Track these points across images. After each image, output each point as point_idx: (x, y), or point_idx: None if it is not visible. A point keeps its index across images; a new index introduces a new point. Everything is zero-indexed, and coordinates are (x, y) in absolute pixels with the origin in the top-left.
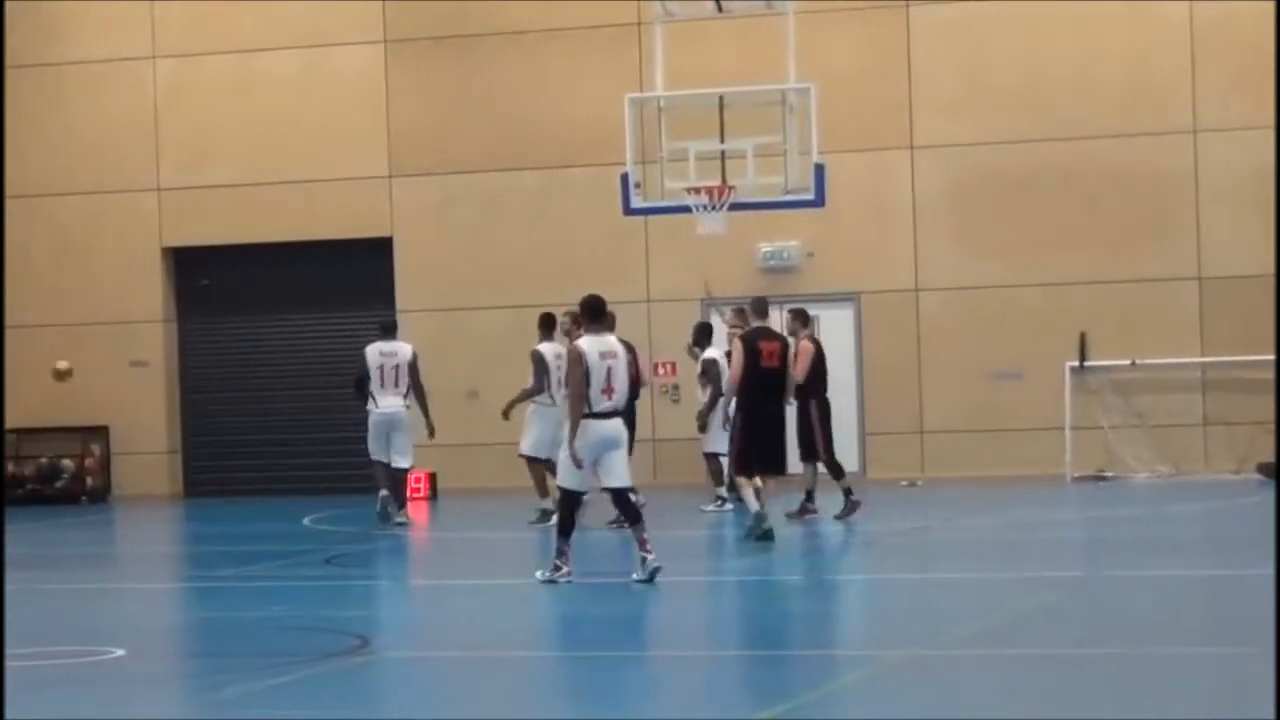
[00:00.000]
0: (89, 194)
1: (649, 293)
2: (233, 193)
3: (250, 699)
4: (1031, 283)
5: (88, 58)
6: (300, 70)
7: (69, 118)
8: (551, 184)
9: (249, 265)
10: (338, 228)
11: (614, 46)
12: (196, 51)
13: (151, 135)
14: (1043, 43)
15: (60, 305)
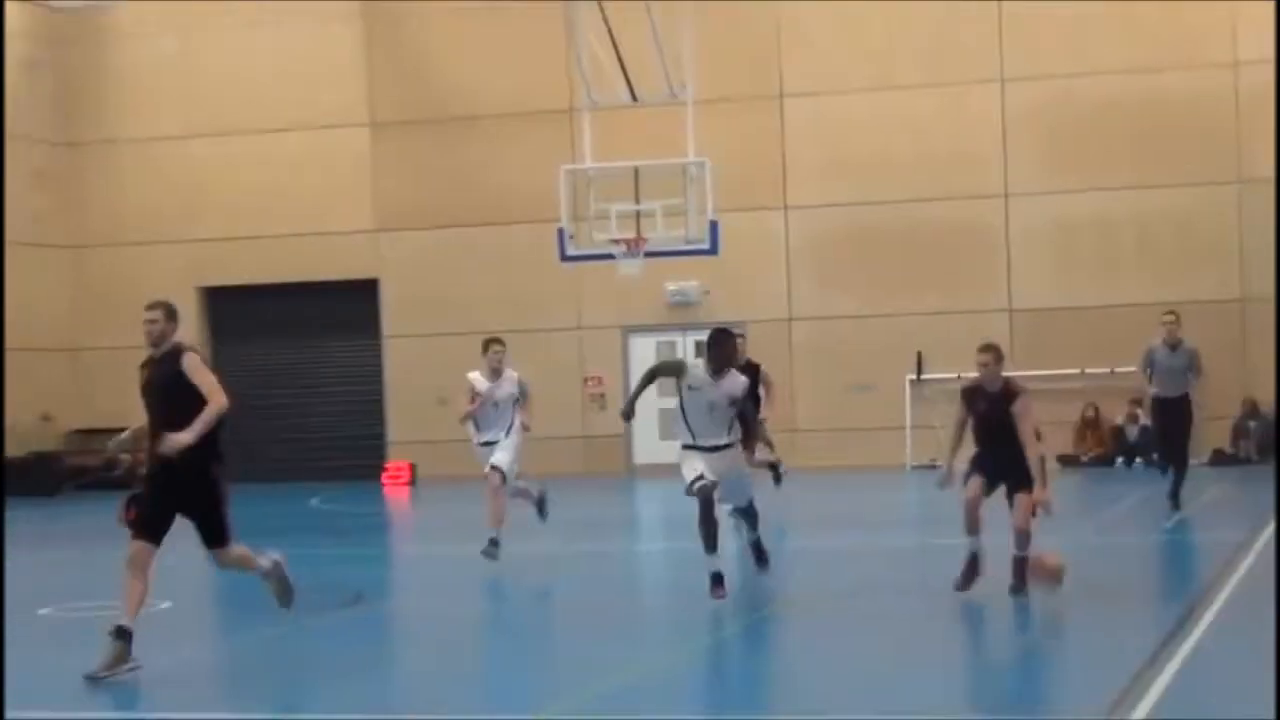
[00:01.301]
0: (139, 244)
1: (580, 322)
2: (251, 243)
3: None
4: (879, 314)
5: (139, 136)
6: (306, 146)
7: (124, 183)
8: (503, 236)
9: (263, 301)
10: (335, 271)
11: (551, 128)
12: (224, 131)
13: (188, 198)
14: (886, 127)
15: (119, 332)
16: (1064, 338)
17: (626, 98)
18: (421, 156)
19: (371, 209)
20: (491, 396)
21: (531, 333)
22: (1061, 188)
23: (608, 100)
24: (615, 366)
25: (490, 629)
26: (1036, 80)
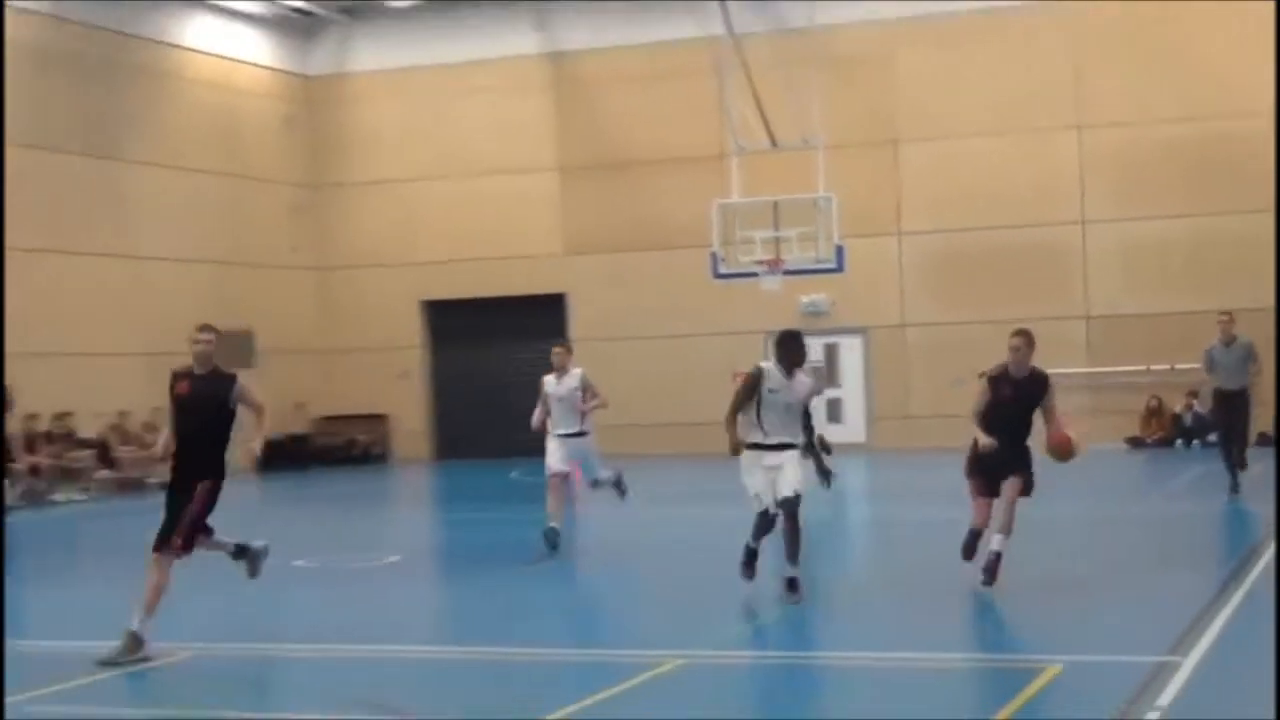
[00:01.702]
0: (371, 267)
1: (729, 329)
2: (462, 265)
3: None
4: (976, 320)
5: (372, 180)
6: (507, 187)
7: (360, 218)
8: (666, 259)
9: (472, 311)
10: (531, 287)
11: (705, 170)
12: (441, 176)
13: (411, 229)
14: (984, 166)
15: (354, 337)
16: (1131, 339)
17: (767, 144)
18: (600, 195)
19: (561, 237)
20: (556, 394)
21: (689, 337)
22: (1128, 215)
23: (752, 147)
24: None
25: (650, 577)
26: (1108, 127)
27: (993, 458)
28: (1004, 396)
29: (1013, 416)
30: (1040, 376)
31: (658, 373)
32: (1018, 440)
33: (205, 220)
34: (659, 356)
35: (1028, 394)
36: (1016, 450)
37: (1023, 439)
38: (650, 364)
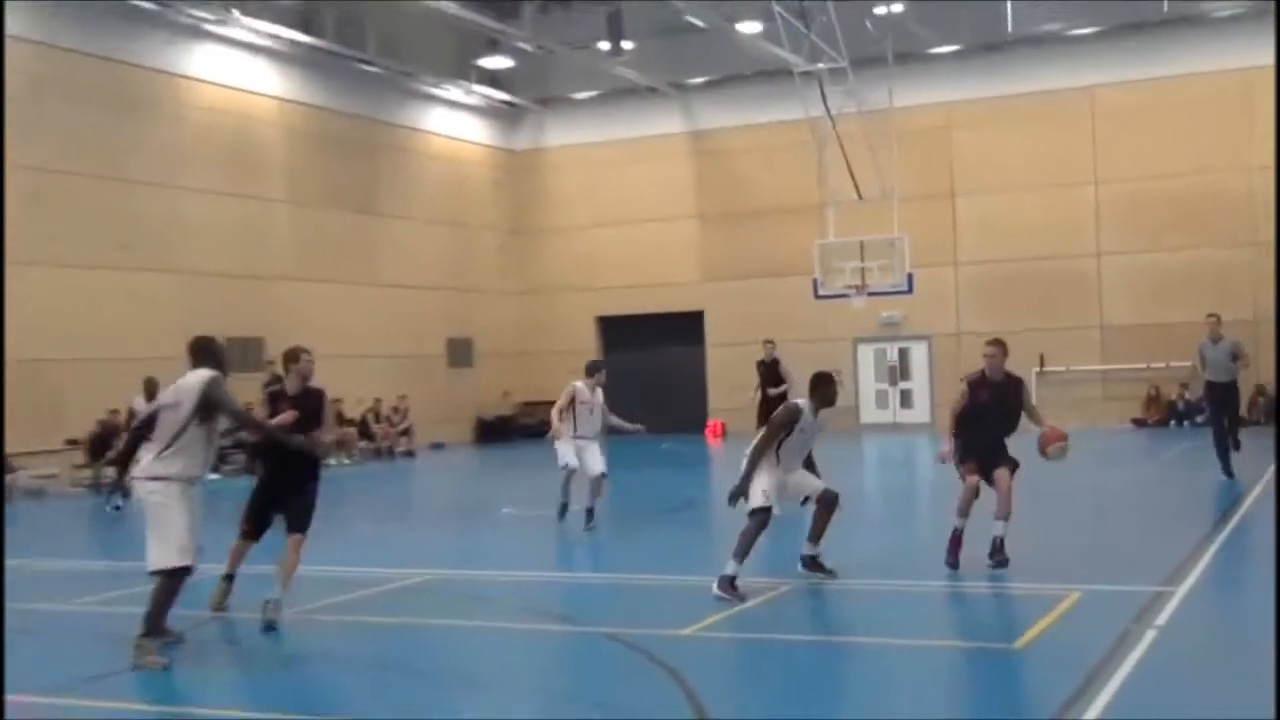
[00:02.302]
0: (560, 290)
1: (826, 336)
2: (627, 289)
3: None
4: (1017, 329)
5: (560, 226)
6: (659, 231)
7: (552, 254)
8: (779, 283)
9: (634, 324)
10: (677, 306)
11: (808, 216)
12: (612, 224)
13: (589, 262)
14: (1020, 211)
15: (549, 343)
16: (1134, 343)
17: (855, 198)
18: (729, 236)
19: (699, 268)
20: (590, 402)
21: (796, 343)
22: (1131, 249)
23: (843, 199)
24: (848, 364)
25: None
26: (1117, 182)
27: (981, 449)
28: (981, 399)
29: (994, 416)
30: (1014, 380)
31: None
32: (1000, 436)
33: (438, 257)
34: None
35: (1003, 396)
36: (1000, 445)
37: (1005, 434)
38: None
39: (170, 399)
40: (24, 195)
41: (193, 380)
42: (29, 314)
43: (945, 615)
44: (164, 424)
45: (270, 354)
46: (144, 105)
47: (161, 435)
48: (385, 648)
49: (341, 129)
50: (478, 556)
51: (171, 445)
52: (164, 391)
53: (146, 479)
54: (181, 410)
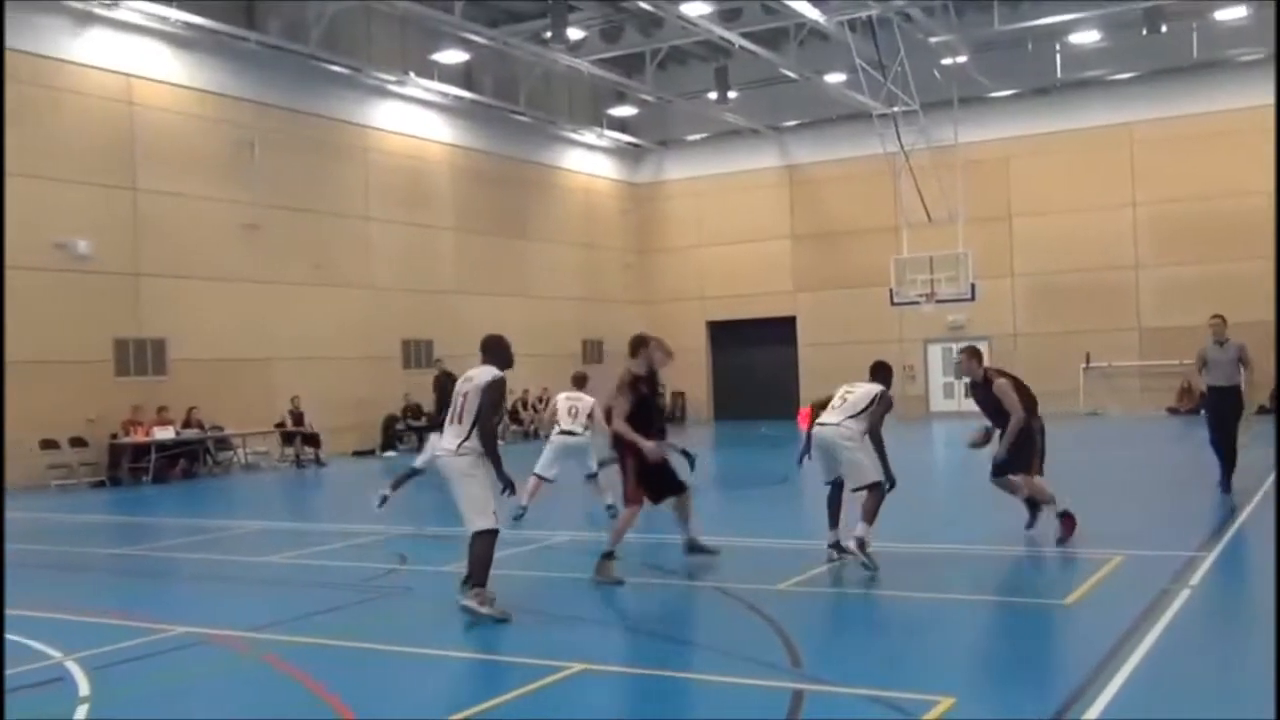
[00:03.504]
0: (676, 300)
1: (901, 337)
2: (732, 298)
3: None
4: (1066, 331)
5: (676, 246)
6: (759, 249)
7: (669, 271)
8: (860, 293)
9: (737, 328)
10: (772, 311)
11: (886, 236)
12: (718, 243)
13: (701, 275)
14: (1069, 229)
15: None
16: (1169, 343)
17: (925, 219)
18: (817, 253)
19: (791, 280)
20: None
21: (874, 343)
22: (1166, 262)
23: (915, 221)
24: (920, 360)
25: None
26: (1153, 204)
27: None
28: (977, 398)
29: (989, 414)
30: (988, 379)
31: (855, 367)
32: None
33: (574, 273)
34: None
35: (984, 395)
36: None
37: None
38: (849, 361)
39: (466, 387)
40: (243, 225)
41: (484, 375)
42: (245, 320)
43: (1002, 576)
44: (466, 411)
45: (438, 354)
46: (338, 151)
47: (466, 420)
48: (530, 597)
49: (497, 168)
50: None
51: (472, 428)
52: (461, 380)
53: (452, 454)
54: (473, 399)
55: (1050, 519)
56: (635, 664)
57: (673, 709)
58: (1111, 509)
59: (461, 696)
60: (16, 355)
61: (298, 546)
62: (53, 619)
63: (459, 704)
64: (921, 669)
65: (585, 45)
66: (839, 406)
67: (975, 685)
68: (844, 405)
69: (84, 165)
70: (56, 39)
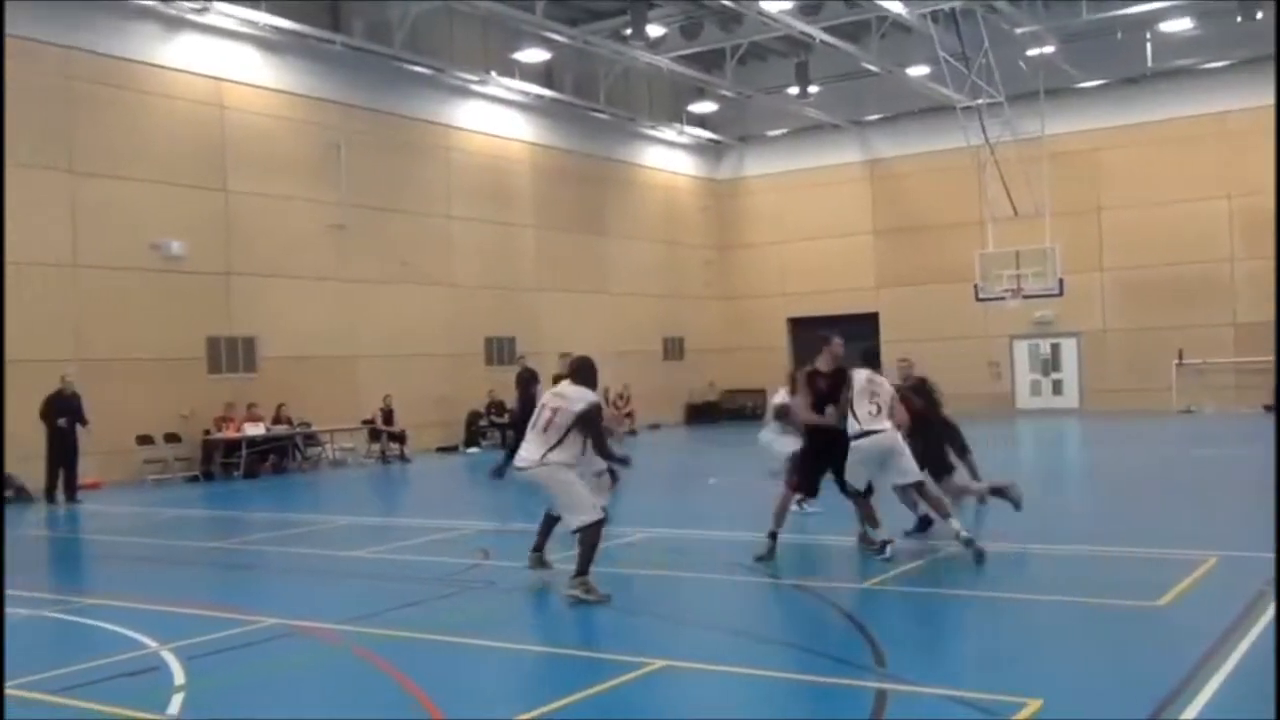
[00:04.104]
0: (758, 297)
1: (986, 333)
2: (813, 294)
3: None
4: (1157, 326)
5: (756, 242)
6: (840, 244)
7: (750, 267)
8: (945, 290)
9: (820, 324)
10: (854, 308)
11: (970, 230)
12: (800, 239)
13: (781, 272)
14: (1159, 222)
15: (747, 340)
16: (1266, 338)
17: (1011, 213)
18: (899, 248)
19: (874, 275)
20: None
21: (959, 339)
22: (1263, 255)
23: (1000, 215)
24: (1005, 357)
25: None
26: (1246, 196)
27: None
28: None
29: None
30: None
31: (939, 364)
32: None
33: (654, 270)
34: (940, 353)
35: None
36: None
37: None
38: (933, 358)
39: (557, 403)
40: (329, 225)
41: (576, 396)
42: (331, 319)
43: (1094, 576)
44: (553, 425)
45: (520, 351)
46: (421, 151)
47: (551, 433)
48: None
49: (577, 165)
50: (687, 518)
51: (560, 442)
52: (551, 394)
53: (538, 466)
54: (564, 416)
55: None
56: (716, 661)
57: (754, 707)
58: (1206, 509)
59: (544, 691)
60: (116, 354)
61: (384, 541)
62: (149, 610)
63: (541, 698)
64: (1010, 670)
65: (665, 42)
66: (879, 412)
67: (1065, 687)
68: (882, 409)
69: (177, 168)
70: (149, 45)
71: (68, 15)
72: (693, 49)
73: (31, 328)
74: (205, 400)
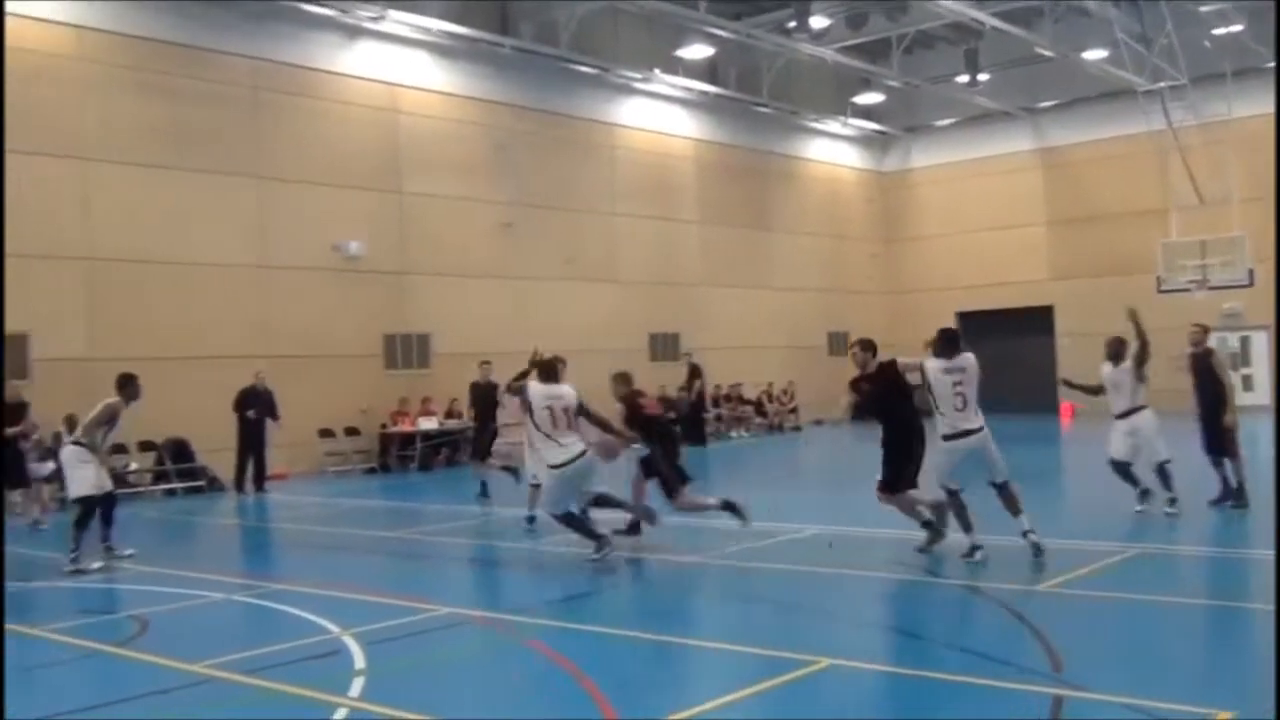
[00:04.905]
0: (927, 290)
1: (1169, 326)
2: (985, 288)
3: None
4: None
5: (923, 235)
6: (1012, 235)
7: (916, 260)
8: (1122, 281)
9: (991, 317)
10: (1027, 301)
11: (1153, 219)
12: (968, 231)
13: (949, 266)
14: None
15: (914, 335)
16: None
17: (1195, 201)
18: (1074, 239)
19: (1047, 268)
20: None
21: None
22: None
23: (1184, 202)
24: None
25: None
26: None
27: None
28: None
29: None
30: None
31: None
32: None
33: (818, 264)
34: None
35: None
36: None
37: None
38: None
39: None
40: (498, 224)
41: (567, 391)
42: (500, 316)
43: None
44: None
45: (685, 347)
46: (586, 150)
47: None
48: (779, 590)
49: (740, 160)
50: (854, 515)
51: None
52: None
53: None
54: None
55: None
56: (884, 661)
57: (923, 709)
58: None
59: (710, 686)
60: (300, 350)
61: (553, 532)
62: (331, 596)
63: (708, 693)
64: (1198, 679)
65: (829, 33)
66: (967, 406)
67: (1258, 699)
68: (969, 401)
69: (354, 171)
70: (329, 53)
71: (253, 27)
72: (858, 39)
73: (225, 326)
74: (382, 395)
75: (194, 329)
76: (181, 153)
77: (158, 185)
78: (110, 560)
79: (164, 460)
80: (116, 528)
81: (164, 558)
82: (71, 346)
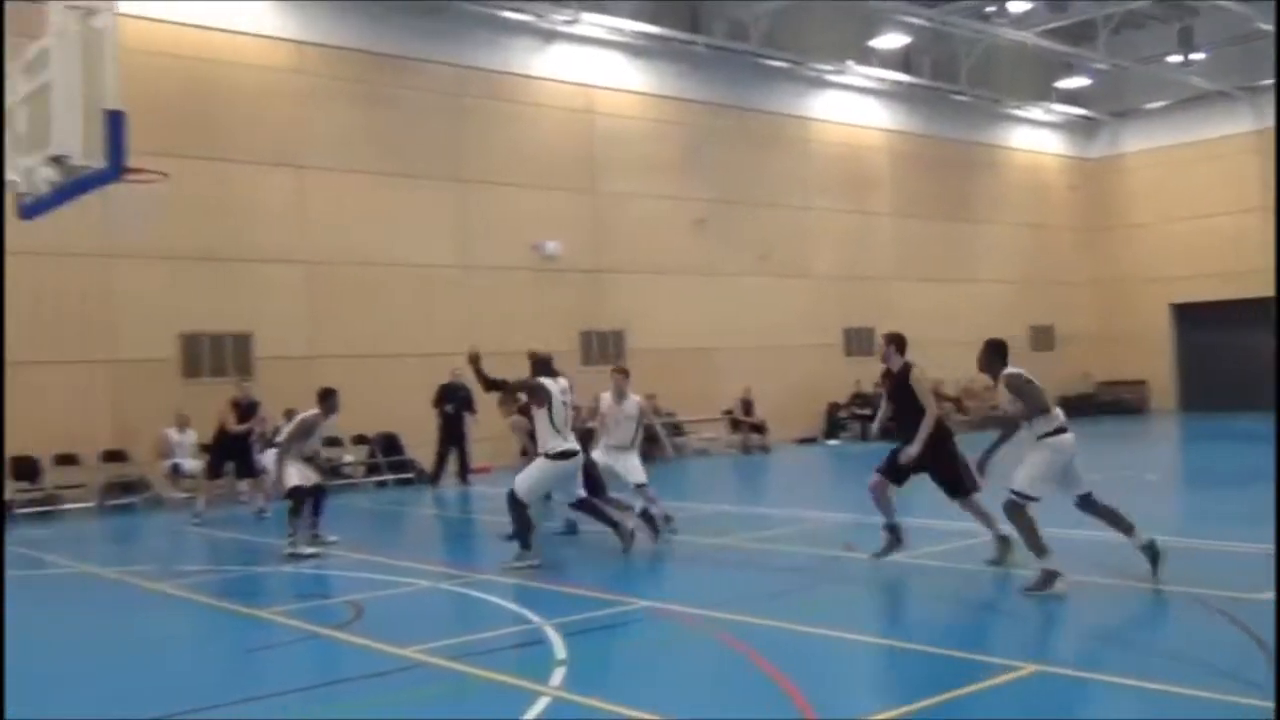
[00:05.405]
0: (1136, 280)
1: None
2: (1199, 278)
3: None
4: None
5: (1132, 224)
6: (1229, 223)
7: (1128, 250)
8: None
9: (1208, 312)
10: (1248, 292)
11: None
12: (1176, 219)
13: (1156, 255)
14: None
15: (1126, 326)
16: None
17: None
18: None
19: (1271, 256)
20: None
21: None
22: None
23: None
24: None
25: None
26: None
27: None
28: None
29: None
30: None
31: None
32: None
33: (1020, 255)
34: None
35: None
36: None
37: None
38: None
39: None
40: (692, 221)
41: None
42: (694, 311)
43: None
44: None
45: (878, 343)
46: (779, 144)
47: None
48: (973, 590)
49: (936, 150)
50: (1046, 516)
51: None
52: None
53: None
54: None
55: None
56: (1093, 669)
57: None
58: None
59: (911, 689)
60: (501, 347)
61: (748, 529)
62: (532, 586)
63: (908, 696)
64: None
65: (1030, 17)
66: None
67: None
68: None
69: (550, 172)
70: (525, 57)
71: (456, 34)
72: (1060, 22)
73: (430, 326)
74: (580, 390)
75: (401, 328)
76: (390, 158)
77: (368, 190)
78: (318, 546)
79: (375, 453)
80: (325, 517)
81: (375, 545)
82: (292, 346)
